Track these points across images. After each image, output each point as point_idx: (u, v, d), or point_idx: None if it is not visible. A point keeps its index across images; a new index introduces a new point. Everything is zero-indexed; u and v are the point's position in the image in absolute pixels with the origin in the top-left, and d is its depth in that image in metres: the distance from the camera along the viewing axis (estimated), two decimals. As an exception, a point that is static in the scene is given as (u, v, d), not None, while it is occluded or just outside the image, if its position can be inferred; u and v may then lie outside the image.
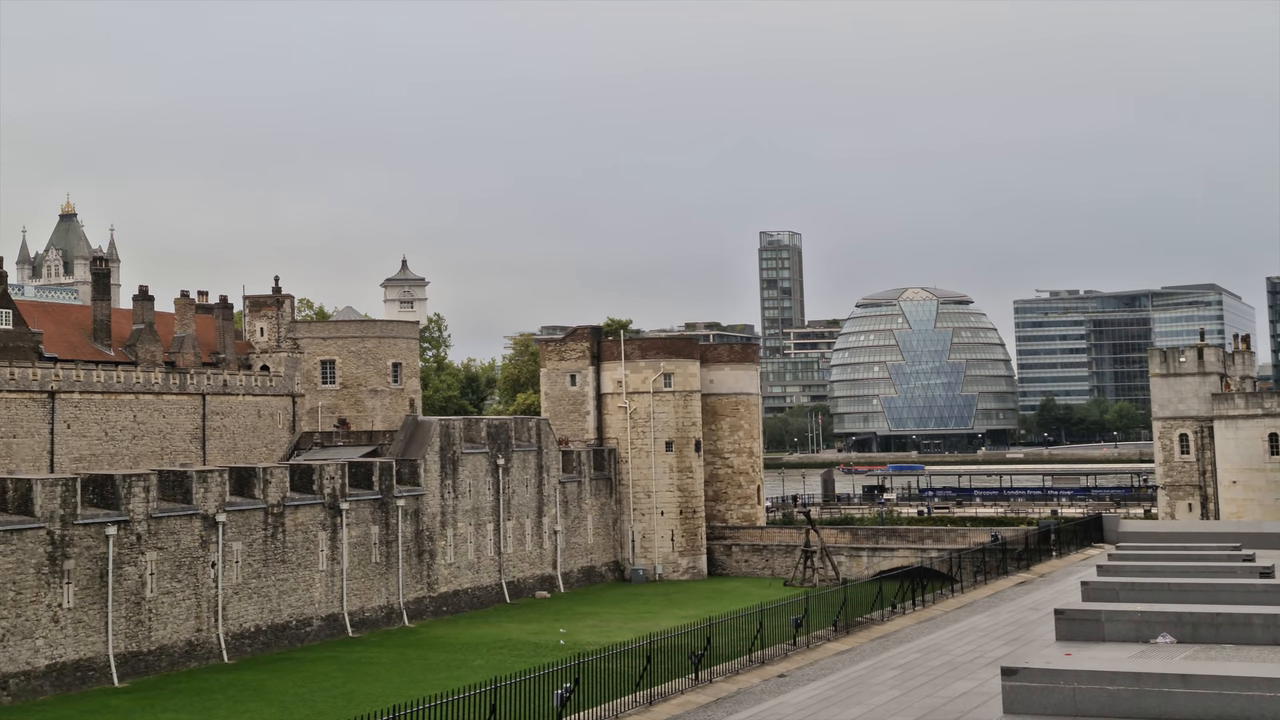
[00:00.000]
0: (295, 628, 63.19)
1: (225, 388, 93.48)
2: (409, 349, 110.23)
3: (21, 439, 77.19)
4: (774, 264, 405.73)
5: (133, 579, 54.89)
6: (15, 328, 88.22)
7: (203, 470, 60.05)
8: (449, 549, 75.21)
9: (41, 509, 51.56)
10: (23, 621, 50.02)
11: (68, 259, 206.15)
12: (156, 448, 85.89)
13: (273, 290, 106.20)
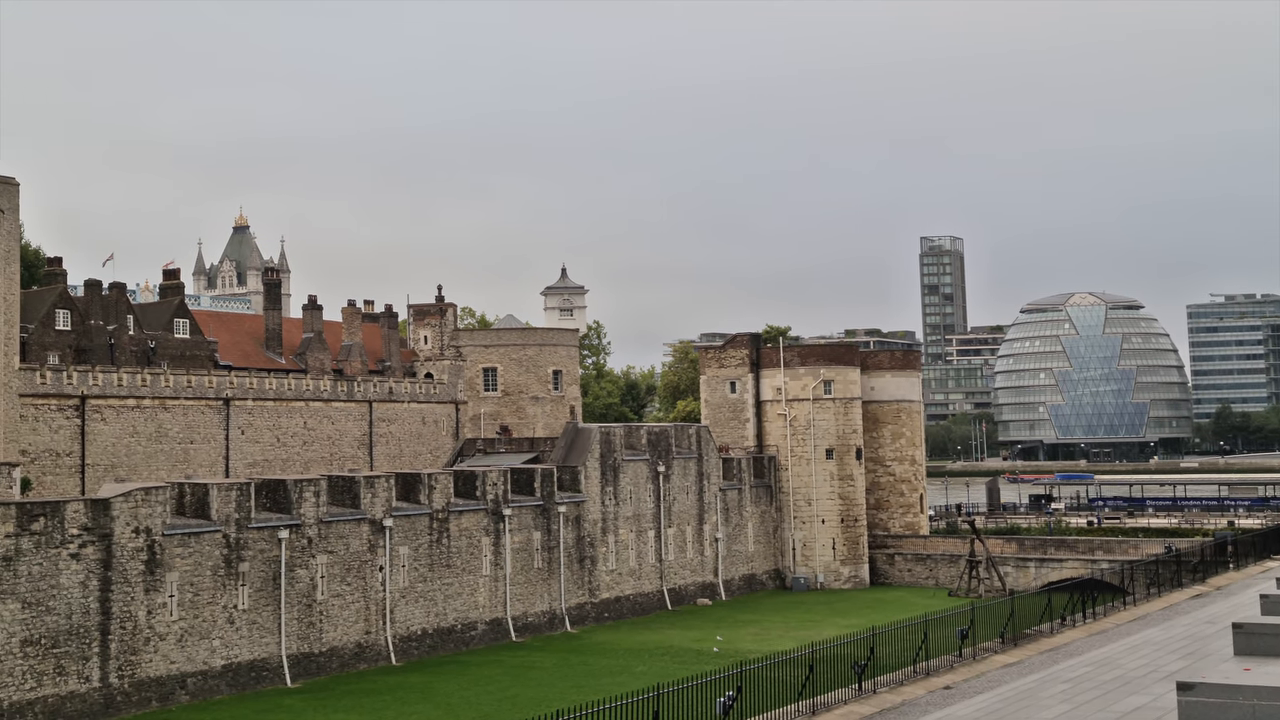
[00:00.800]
0: (460, 631, 64.10)
1: (391, 395, 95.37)
2: (569, 356, 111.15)
3: (199, 445, 79.75)
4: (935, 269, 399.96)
5: (304, 582, 56.25)
6: (192, 337, 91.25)
7: (370, 476, 61.29)
8: (610, 555, 75.57)
9: (218, 513, 53.15)
10: (200, 622, 51.61)
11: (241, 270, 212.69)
12: (325, 453, 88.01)
13: (436, 299, 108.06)
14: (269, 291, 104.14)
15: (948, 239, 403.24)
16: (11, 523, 45.88)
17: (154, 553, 50.13)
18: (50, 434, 72.66)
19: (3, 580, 45.09)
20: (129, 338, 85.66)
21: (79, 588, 47.37)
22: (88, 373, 75.44)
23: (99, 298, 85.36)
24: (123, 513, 49.34)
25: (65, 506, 48.14)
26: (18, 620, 45.30)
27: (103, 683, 47.74)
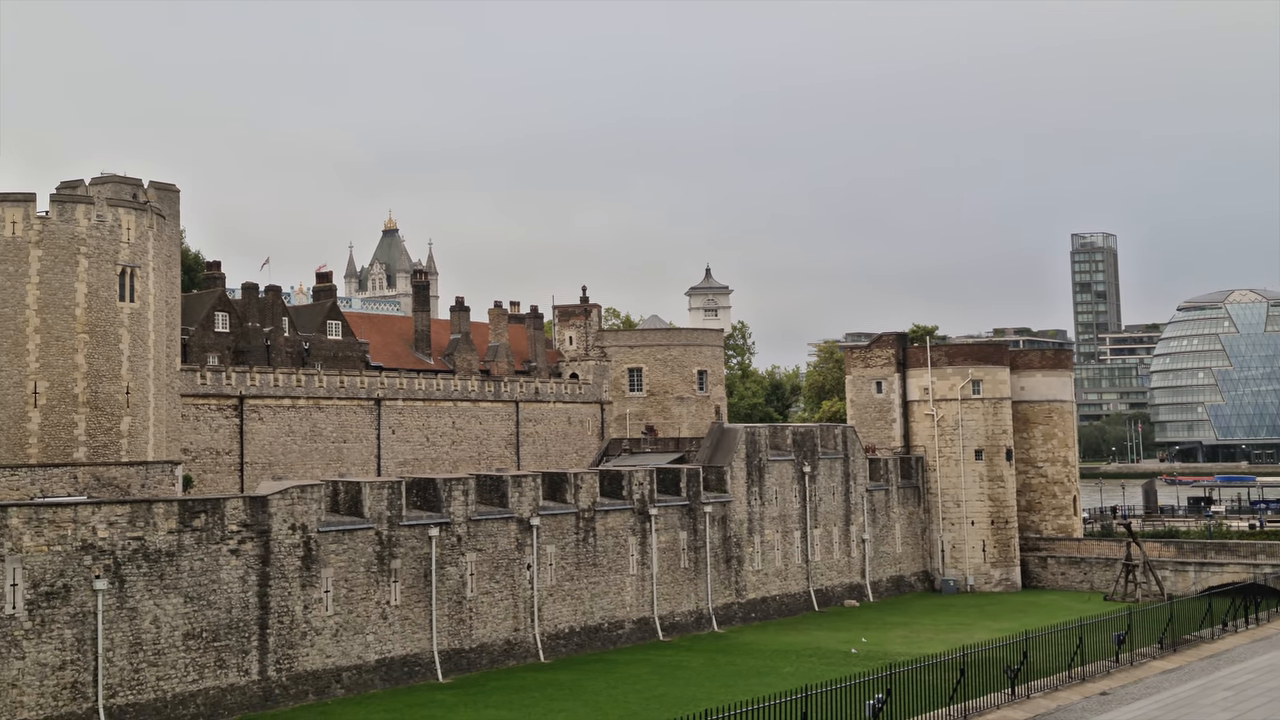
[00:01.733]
0: (607, 630, 64.43)
1: (537, 395, 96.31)
2: (714, 356, 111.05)
3: (351, 443, 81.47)
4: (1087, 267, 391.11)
5: (454, 579, 57.05)
6: (344, 338, 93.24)
7: (517, 475, 61.93)
8: (756, 555, 75.29)
9: (370, 510, 54.19)
10: (354, 617, 52.67)
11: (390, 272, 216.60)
12: (474, 452, 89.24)
13: (580, 300, 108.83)
14: (417, 293, 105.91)
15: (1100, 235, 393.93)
16: (174, 519, 47.31)
17: (310, 549, 51.28)
18: (210, 433, 74.82)
19: (166, 575, 46.53)
20: (284, 339, 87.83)
21: (238, 583, 48.67)
22: (245, 373, 77.54)
23: (256, 301, 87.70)
24: (280, 510, 50.56)
25: (225, 504, 49.49)
26: (180, 614, 46.71)
27: (261, 675, 48.99)
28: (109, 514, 45.53)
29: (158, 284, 68.81)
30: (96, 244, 64.87)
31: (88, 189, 69.03)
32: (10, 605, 42.20)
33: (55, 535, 43.73)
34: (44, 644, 42.83)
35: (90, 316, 64.24)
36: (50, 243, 63.89)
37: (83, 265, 64.34)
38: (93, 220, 64.94)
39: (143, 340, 66.67)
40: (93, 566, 44.46)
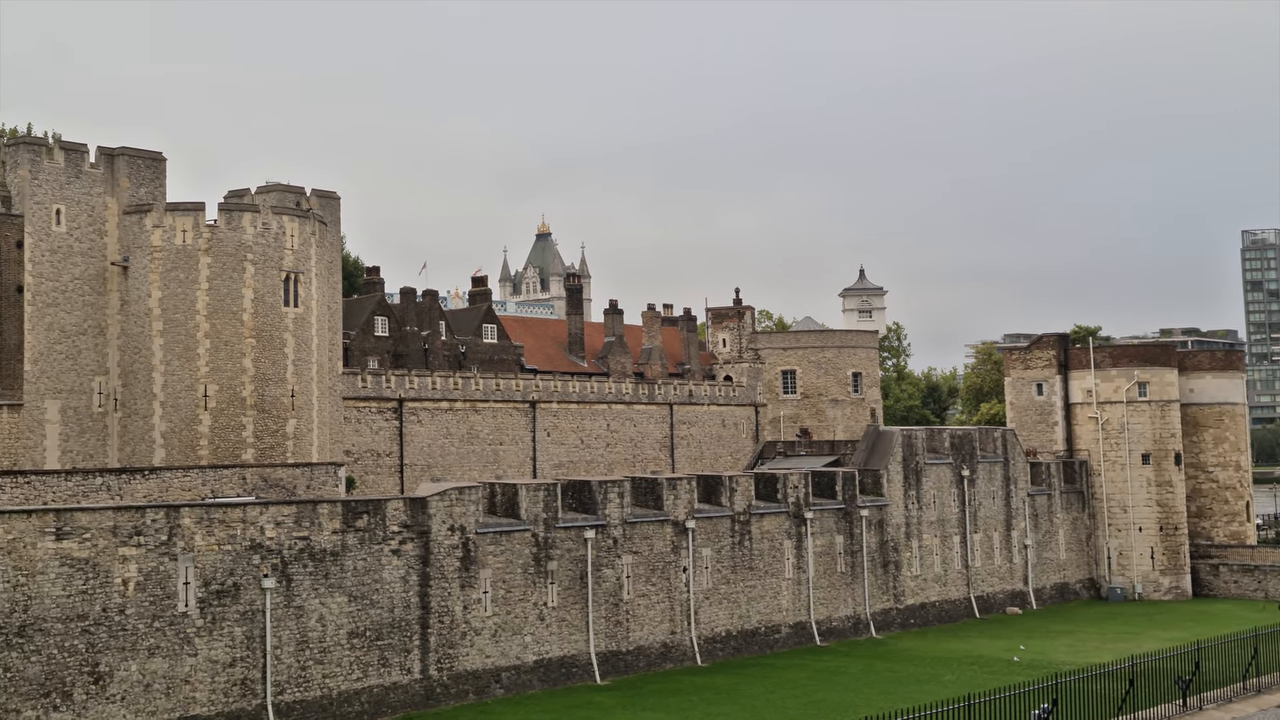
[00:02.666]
0: (764, 634, 64.01)
1: (691, 398, 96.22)
2: (869, 358, 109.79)
3: (507, 446, 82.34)
4: (1259, 264, 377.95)
5: (610, 581, 57.20)
6: (500, 342, 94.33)
7: (672, 478, 61.87)
8: (914, 560, 74.12)
9: (527, 512, 54.62)
10: (513, 618, 53.12)
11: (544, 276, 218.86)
12: (628, 455, 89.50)
13: (734, 302, 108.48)
14: (571, 296, 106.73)
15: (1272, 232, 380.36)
16: (338, 520, 48.23)
17: (468, 550, 51.86)
18: (371, 435, 76.25)
19: (330, 574, 47.45)
20: (441, 343, 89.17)
21: (400, 582, 49.42)
22: (404, 377, 78.86)
23: (414, 305, 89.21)
24: (439, 511, 51.21)
25: (386, 505, 50.30)
26: (345, 613, 47.59)
27: (423, 674, 49.67)
28: (276, 514, 46.59)
29: (320, 289, 70.35)
30: (262, 251, 66.57)
31: (253, 197, 70.93)
32: (183, 603, 43.44)
33: (225, 535, 44.88)
34: (215, 641, 44.00)
35: (257, 322, 65.93)
36: (218, 250, 65.75)
37: (249, 272, 66.08)
38: (258, 228, 66.66)
39: (306, 344, 68.21)
40: (261, 565, 45.54)
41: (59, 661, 40.28)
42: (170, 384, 64.65)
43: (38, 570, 40.28)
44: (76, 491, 52.10)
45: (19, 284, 63.64)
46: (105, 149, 67.34)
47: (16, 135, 69.55)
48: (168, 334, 65.04)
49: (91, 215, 66.26)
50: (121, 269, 66.19)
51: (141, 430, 64.82)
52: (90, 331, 65.77)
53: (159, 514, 43.57)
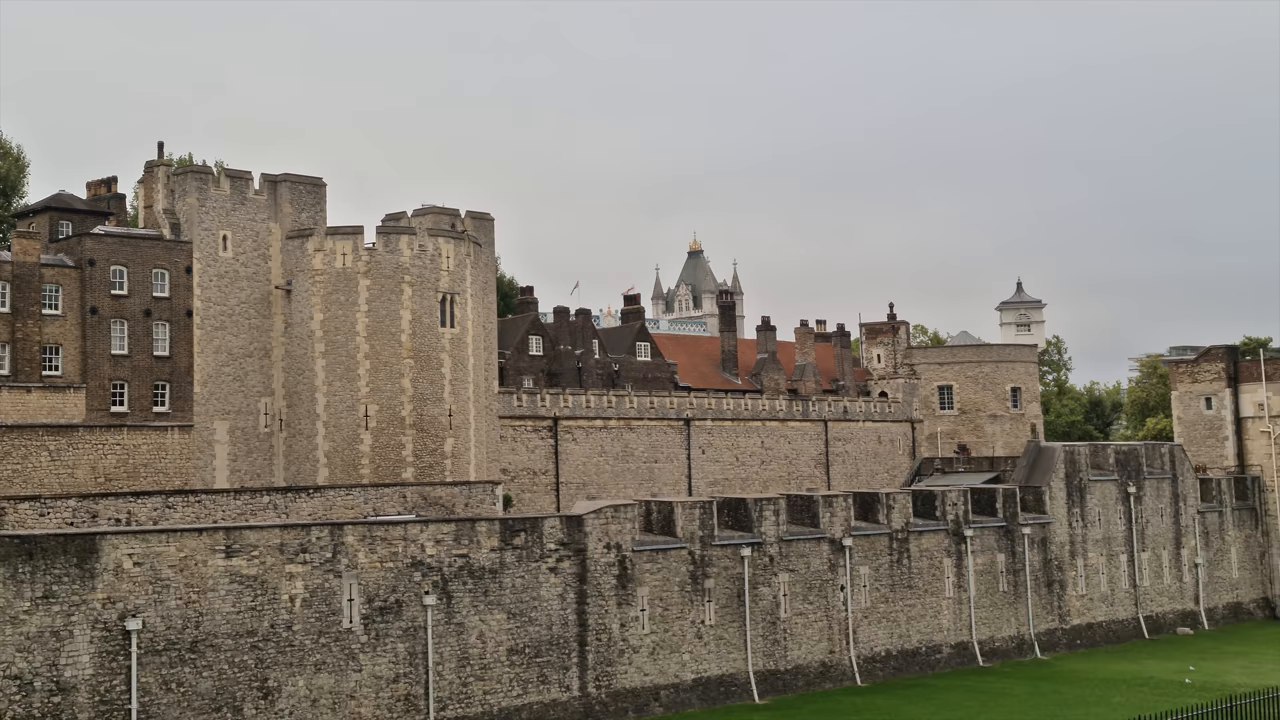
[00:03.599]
0: (924, 654, 62.81)
1: (845, 414, 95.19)
2: (1028, 373, 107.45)
3: (662, 463, 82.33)
4: None
5: (767, 599, 56.67)
6: (653, 360, 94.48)
7: (828, 495, 61.13)
8: (1079, 580, 72.10)
9: (683, 530, 54.40)
10: (670, 636, 52.91)
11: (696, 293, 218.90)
12: (783, 472, 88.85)
13: (888, 317, 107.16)
14: (723, 314, 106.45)
15: None
16: (496, 537, 48.59)
17: (625, 568, 51.83)
18: (527, 453, 76.89)
19: (490, 591, 47.81)
20: (595, 361, 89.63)
21: (557, 600, 49.58)
22: (559, 395, 79.41)
23: (567, 324, 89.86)
24: (595, 529, 51.29)
25: (543, 522, 50.54)
26: (504, 630, 47.90)
27: (582, 692, 49.72)
28: (436, 532, 47.12)
29: (476, 310, 71.22)
30: (419, 273, 67.65)
31: (410, 220, 72.16)
32: (347, 619, 44.15)
33: (387, 552, 45.52)
34: (379, 657, 44.62)
35: (415, 342, 67.00)
36: (377, 272, 67.00)
37: (407, 293, 67.21)
38: (415, 250, 67.78)
39: (463, 364, 69.08)
40: (422, 583, 46.08)
41: (229, 677, 41.21)
42: (332, 404, 65.99)
43: (208, 587, 41.29)
44: (245, 510, 53.41)
45: (188, 308, 65.64)
46: (269, 176, 69.15)
47: (184, 164, 71.79)
48: (329, 355, 66.44)
49: (256, 240, 68.05)
50: (285, 292, 67.83)
51: (305, 450, 66.26)
52: (256, 354, 67.50)
53: (324, 532, 44.38)
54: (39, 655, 37.78)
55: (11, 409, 59.30)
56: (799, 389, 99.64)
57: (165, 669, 39.95)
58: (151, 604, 40.04)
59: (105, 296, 63.40)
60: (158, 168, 68.12)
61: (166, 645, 40.09)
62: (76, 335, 62.43)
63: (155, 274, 65.10)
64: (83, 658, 38.47)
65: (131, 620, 39.35)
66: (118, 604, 39.42)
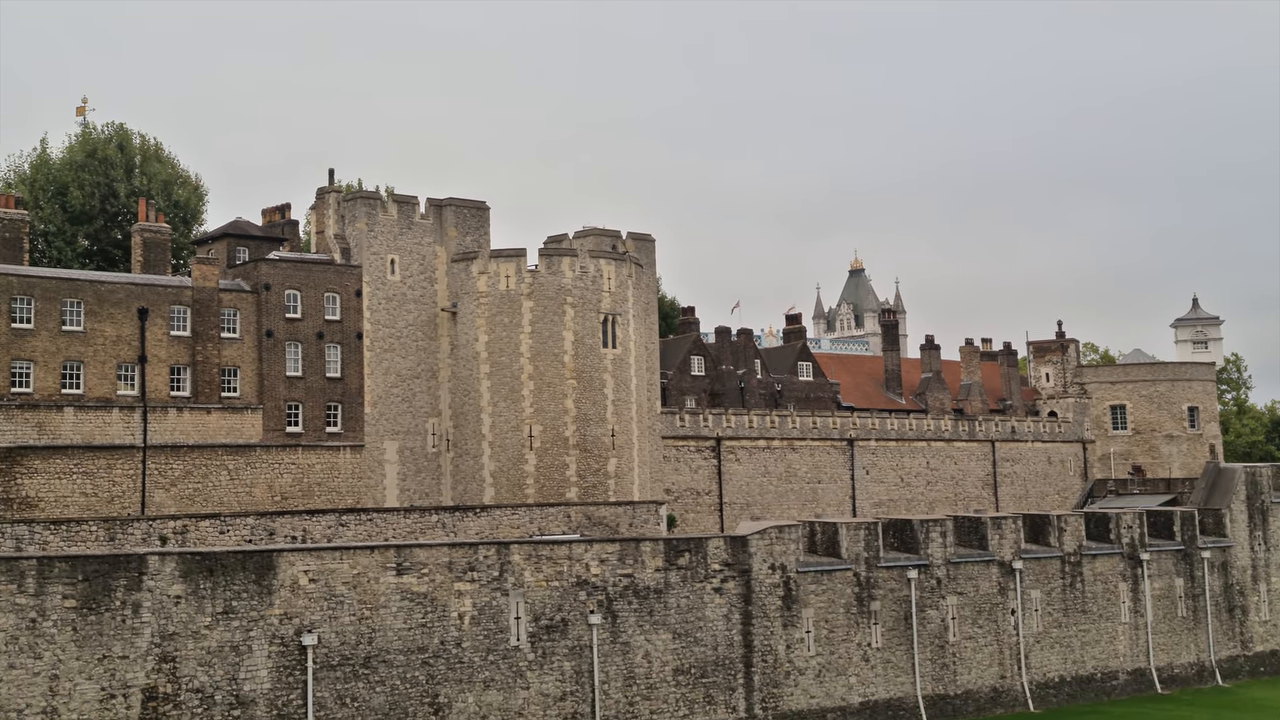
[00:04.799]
0: (1100, 680, 60.97)
1: (1014, 434, 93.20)
2: (1205, 391, 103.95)
3: (825, 484, 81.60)
4: None
5: (935, 622, 55.63)
6: (815, 379, 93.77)
7: (996, 517, 59.81)
8: (1262, 605, 69.30)
9: (848, 551, 53.75)
10: (836, 658, 52.27)
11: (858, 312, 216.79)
12: (949, 493, 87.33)
13: (1056, 335, 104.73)
14: (886, 332, 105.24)
15: None
16: (660, 557, 48.60)
17: (789, 589, 51.38)
18: (690, 473, 76.88)
19: (655, 611, 47.81)
20: (757, 381, 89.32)
21: (722, 620, 49.35)
22: (721, 415, 79.27)
23: (729, 344, 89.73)
24: (759, 549, 50.96)
25: (708, 543, 50.38)
26: (670, 649, 47.83)
27: (748, 713, 49.35)
28: (600, 552, 47.31)
29: (637, 330, 71.55)
30: (581, 294, 68.23)
31: (571, 242, 72.87)
32: (515, 637, 44.55)
33: (553, 571, 45.85)
34: (546, 675, 44.91)
35: (577, 363, 67.56)
36: (540, 294, 67.77)
37: (569, 314, 67.83)
38: (577, 271, 68.38)
39: (625, 385, 69.40)
40: (587, 602, 46.29)
41: (401, 692, 41.89)
42: (498, 425, 66.87)
43: (380, 604, 42.06)
44: (414, 528, 54.37)
45: (359, 330, 67.16)
46: (434, 200, 70.50)
47: (353, 191, 73.60)
48: (494, 376, 67.37)
49: (423, 264, 69.40)
50: (451, 314, 69.00)
51: (472, 469, 67.22)
52: (423, 375, 68.77)
53: (491, 551, 44.90)
54: (219, 669, 38.89)
55: (192, 429, 61.35)
56: (965, 408, 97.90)
57: (340, 683, 40.80)
58: (326, 619, 40.95)
59: (280, 320, 65.24)
60: (328, 194, 69.96)
61: (341, 660, 40.95)
62: (253, 358, 64.34)
63: (327, 297, 66.80)
64: (261, 672, 39.50)
65: (307, 635, 40.28)
66: (294, 619, 40.39)
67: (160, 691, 37.99)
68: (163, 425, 60.47)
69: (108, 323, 60.35)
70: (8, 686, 35.97)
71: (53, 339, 58.84)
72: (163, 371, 61.46)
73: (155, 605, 38.35)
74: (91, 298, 60.14)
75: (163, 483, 59.93)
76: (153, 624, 38.22)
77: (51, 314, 59.03)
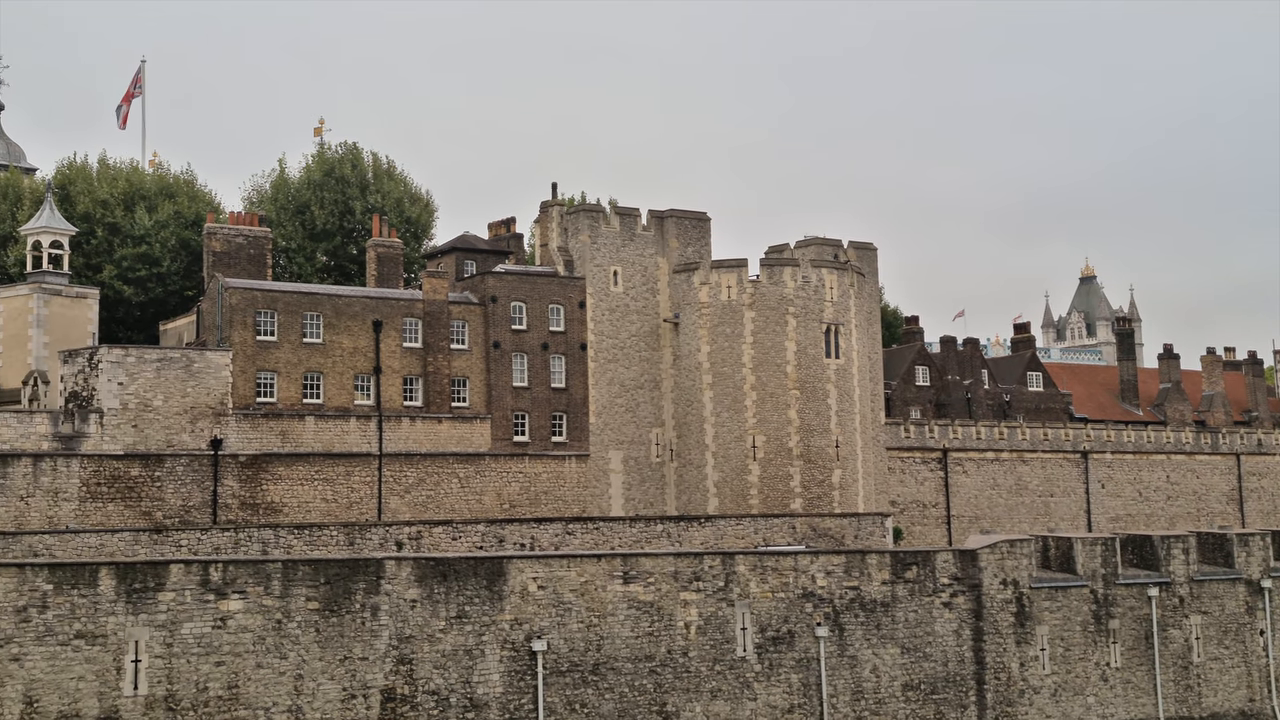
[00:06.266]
0: (1357, 708, 57.50)
1: (1261, 447, 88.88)
2: None
3: (1058, 498, 79.17)
4: None
5: (1177, 642, 53.31)
6: (1045, 389, 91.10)
7: (1243, 533, 57.04)
8: None
9: (1083, 567, 51.92)
10: (1073, 678, 50.50)
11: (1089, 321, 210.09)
12: (1191, 508, 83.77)
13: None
14: (1121, 341, 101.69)
15: None
16: (887, 570, 47.74)
17: (1022, 605, 49.89)
18: (916, 485, 75.50)
19: (882, 625, 46.98)
20: (984, 391, 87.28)
21: (952, 636, 48.19)
22: (947, 426, 77.66)
23: (954, 353, 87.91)
24: (990, 564, 49.62)
25: (936, 556, 49.29)
26: (898, 664, 46.93)
27: (978, 732, 48.10)
28: (826, 563, 46.73)
29: (860, 340, 70.66)
30: (803, 304, 67.73)
31: (792, 252, 72.43)
32: (741, 648, 44.33)
33: (778, 582, 45.47)
34: (773, 687, 44.55)
35: (800, 373, 67.06)
36: (761, 304, 67.53)
37: (791, 325, 67.39)
38: (799, 281, 67.91)
39: (848, 395, 68.58)
40: (813, 614, 45.76)
41: (630, 700, 42.08)
42: (720, 435, 66.84)
43: (608, 612, 42.35)
44: (640, 537, 54.70)
45: (582, 341, 67.99)
46: (655, 212, 70.94)
47: (576, 204, 74.64)
48: (716, 387, 67.36)
49: (645, 275, 69.88)
50: (673, 325, 69.29)
51: (695, 479, 67.33)
52: (646, 385, 69.20)
53: (716, 561, 44.79)
54: (454, 672, 39.71)
55: (425, 438, 62.99)
56: (1206, 420, 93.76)
57: (569, 690, 41.21)
58: (555, 626, 41.43)
59: (506, 331, 66.50)
60: (552, 207, 71.08)
61: (570, 667, 41.37)
62: (481, 368, 65.74)
63: (551, 309, 67.81)
64: (493, 676, 40.18)
65: (537, 641, 40.82)
66: (524, 625, 40.99)
67: (398, 692, 38.99)
68: (396, 434, 62.25)
69: (345, 335, 62.45)
70: (255, 685, 37.39)
71: (294, 351, 61.18)
72: (396, 382, 63.28)
73: (392, 608, 39.39)
74: (330, 311, 62.34)
75: (397, 489, 61.69)
76: (390, 626, 39.25)
77: (293, 327, 61.38)
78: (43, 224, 65.50)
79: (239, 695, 37.13)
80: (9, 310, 63.17)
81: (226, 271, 63.07)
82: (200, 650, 36.93)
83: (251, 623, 37.70)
